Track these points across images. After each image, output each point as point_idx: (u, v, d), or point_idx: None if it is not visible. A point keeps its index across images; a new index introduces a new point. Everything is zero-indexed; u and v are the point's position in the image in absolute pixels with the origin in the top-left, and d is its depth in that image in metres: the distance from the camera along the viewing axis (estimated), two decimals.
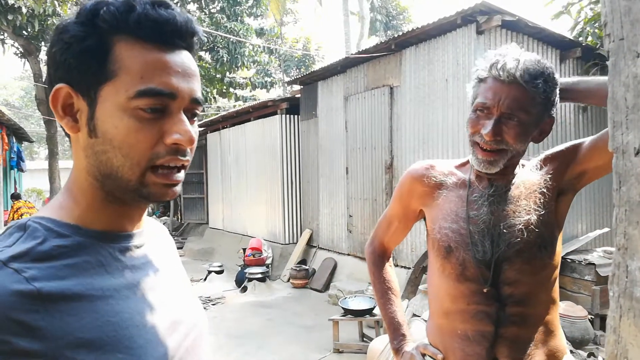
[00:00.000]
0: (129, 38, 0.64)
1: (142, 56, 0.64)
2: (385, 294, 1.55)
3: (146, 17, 0.63)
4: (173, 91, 0.65)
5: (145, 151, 0.64)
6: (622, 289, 0.68)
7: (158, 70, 0.64)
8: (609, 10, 0.68)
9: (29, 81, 24.64)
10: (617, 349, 0.69)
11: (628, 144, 0.66)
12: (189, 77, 0.67)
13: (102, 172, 0.66)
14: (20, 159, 12.61)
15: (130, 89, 0.63)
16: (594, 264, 4.50)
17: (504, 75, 1.20)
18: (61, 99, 0.66)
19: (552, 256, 1.30)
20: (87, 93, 0.65)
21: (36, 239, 0.62)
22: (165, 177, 0.66)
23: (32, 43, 11.92)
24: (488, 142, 1.22)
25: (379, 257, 1.62)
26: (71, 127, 0.66)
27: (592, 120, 5.99)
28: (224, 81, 15.49)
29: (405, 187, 1.49)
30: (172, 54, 0.66)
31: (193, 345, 0.75)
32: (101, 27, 0.63)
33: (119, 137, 0.63)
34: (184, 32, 0.67)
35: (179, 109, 0.66)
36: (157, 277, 0.74)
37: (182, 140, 0.65)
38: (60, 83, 0.65)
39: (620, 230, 0.67)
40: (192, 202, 12.85)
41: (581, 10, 6.15)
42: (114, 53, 0.63)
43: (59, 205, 0.69)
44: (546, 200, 1.29)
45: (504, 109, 1.20)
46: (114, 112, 0.64)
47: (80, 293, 0.61)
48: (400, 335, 1.48)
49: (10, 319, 0.54)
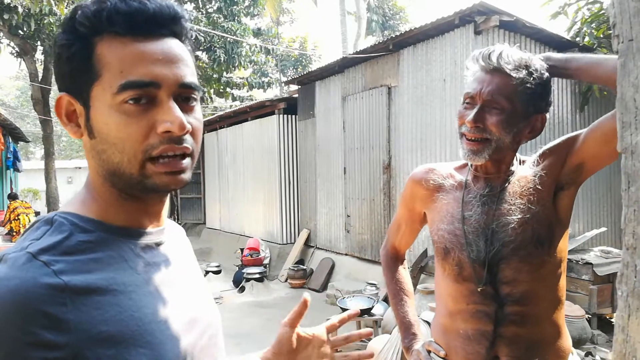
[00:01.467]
0: (108, 36, 0.65)
1: (119, 51, 0.64)
2: (397, 294, 1.59)
3: (116, 11, 0.64)
4: (153, 80, 0.64)
5: (139, 144, 0.64)
6: (630, 289, 0.68)
7: (136, 61, 0.64)
8: (618, 11, 0.68)
9: (25, 81, 24.54)
10: (625, 348, 0.69)
11: (637, 144, 0.66)
12: (172, 63, 0.66)
13: (107, 170, 0.67)
14: (16, 159, 12.56)
15: (113, 85, 0.64)
16: (591, 263, 4.52)
17: (486, 63, 1.24)
18: (64, 108, 0.68)
19: (550, 253, 1.28)
20: (81, 97, 0.66)
21: (63, 232, 0.63)
22: (166, 166, 0.66)
23: (28, 43, 11.87)
24: (471, 131, 1.24)
25: (392, 259, 1.66)
26: (75, 132, 0.68)
27: (589, 119, 6.01)
28: (220, 81, 15.46)
29: (408, 191, 1.52)
30: (152, 42, 0.66)
31: (208, 344, 0.76)
32: (81, 32, 0.64)
33: (112, 133, 0.64)
34: (160, 19, 0.66)
35: (167, 96, 0.66)
36: (176, 275, 0.75)
37: (172, 128, 0.64)
38: (61, 92, 0.67)
39: (629, 230, 0.68)
40: (189, 202, 12.82)
41: (578, 10, 6.17)
42: (96, 54, 0.64)
43: (81, 202, 0.70)
44: (541, 197, 1.28)
45: (486, 96, 1.22)
46: (104, 110, 0.65)
47: (105, 287, 0.62)
48: (411, 335, 1.51)
49: (39, 311, 0.55)
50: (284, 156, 8.71)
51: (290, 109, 8.67)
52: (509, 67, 1.21)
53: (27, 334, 0.53)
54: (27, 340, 0.53)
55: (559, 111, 5.67)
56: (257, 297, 6.95)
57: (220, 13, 14.47)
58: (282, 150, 8.68)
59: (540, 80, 1.24)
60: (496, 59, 1.23)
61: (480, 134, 1.24)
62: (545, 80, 1.26)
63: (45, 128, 12.95)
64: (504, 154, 1.30)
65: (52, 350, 0.55)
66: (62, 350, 0.55)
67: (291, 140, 8.74)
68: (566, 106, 5.75)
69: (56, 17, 10.16)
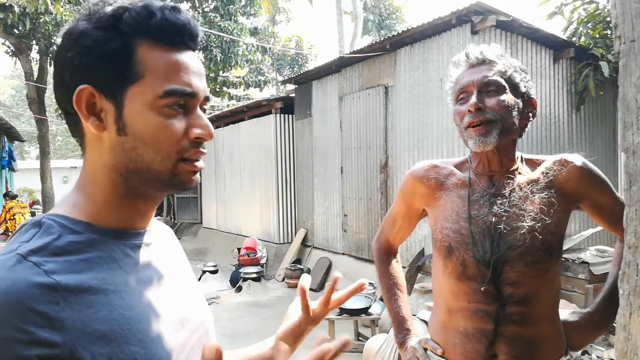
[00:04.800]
0: (149, 41, 0.68)
1: (163, 58, 0.68)
2: (390, 289, 1.58)
3: (167, 21, 0.68)
4: (194, 90, 0.70)
5: (174, 146, 0.69)
6: (632, 287, 0.69)
7: (179, 71, 0.69)
8: (620, 13, 0.69)
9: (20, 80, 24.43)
10: (627, 346, 0.70)
11: (639, 144, 0.66)
12: (201, 77, 0.73)
13: (131, 168, 0.69)
14: (11, 159, 12.49)
15: (158, 88, 0.67)
16: (587, 262, 4.54)
17: (472, 58, 1.33)
18: (84, 100, 0.67)
19: (557, 260, 1.31)
20: (113, 94, 0.67)
21: (52, 234, 0.64)
22: (193, 165, 0.72)
23: (23, 42, 11.80)
24: (474, 115, 1.27)
25: (385, 253, 1.65)
26: (97, 127, 0.68)
27: (585, 119, 6.04)
28: (217, 80, 15.42)
29: (408, 188, 1.51)
30: (184, 54, 0.71)
31: (199, 343, 0.76)
32: (123, 31, 0.67)
33: (150, 134, 0.68)
34: (193, 34, 0.72)
35: (196, 106, 0.72)
36: (166, 274, 0.76)
37: (204, 134, 0.71)
38: (82, 84, 0.67)
39: (630, 229, 0.68)
40: (186, 202, 12.80)
41: (574, 10, 6.20)
42: (137, 55, 0.67)
43: (72, 203, 0.71)
44: (556, 211, 1.29)
45: (480, 80, 1.29)
46: (143, 111, 0.67)
47: (96, 286, 0.63)
48: (405, 330, 1.51)
49: (32, 309, 0.55)
50: (281, 156, 8.71)
51: (287, 108, 8.67)
52: (492, 57, 1.32)
53: (23, 333, 0.54)
54: (22, 338, 0.54)
55: (556, 111, 5.69)
56: (254, 296, 6.95)
57: (216, 12, 14.45)
58: (279, 149, 8.68)
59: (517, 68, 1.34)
60: (479, 52, 1.32)
61: (484, 117, 1.27)
62: (523, 67, 1.36)
63: (41, 127, 12.89)
64: (510, 139, 1.32)
65: (48, 348, 0.55)
66: (58, 348, 0.56)
67: (288, 140, 8.74)
68: (562, 106, 5.78)
69: (52, 17, 10.10)
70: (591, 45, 5.74)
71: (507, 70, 1.30)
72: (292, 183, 8.74)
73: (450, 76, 1.40)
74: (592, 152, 5.98)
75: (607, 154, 6.17)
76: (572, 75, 5.81)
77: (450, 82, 1.41)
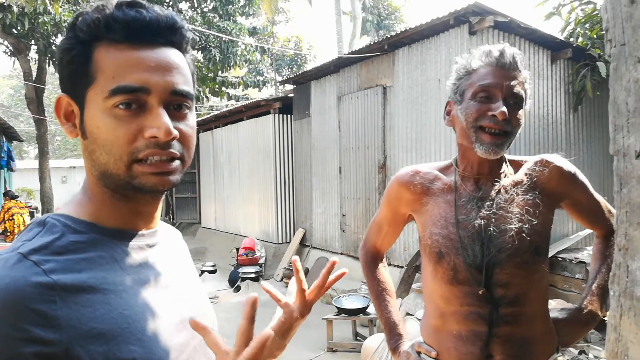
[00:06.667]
0: (106, 42, 0.67)
1: (115, 57, 0.67)
2: (380, 295, 1.57)
3: (114, 19, 0.66)
4: (144, 85, 0.66)
5: (125, 147, 0.67)
6: (622, 289, 0.69)
7: (129, 67, 0.66)
8: (611, 16, 0.69)
9: (19, 80, 24.39)
10: (617, 347, 0.71)
11: (629, 147, 0.67)
12: (165, 71, 0.68)
13: (97, 170, 0.70)
14: (10, 159, 12.46)
15: (105, 89, 0.66)
16: (584, 262, 4.55)
17: (506, 59, 1.27)
18: (62, 108, 0.71)
19: (545, 260, 1.33)
20: (78, 99, 0.69)
21: (54, 234, 0.65)
22: (153, 167, 0.68)
23: (21, 41, 11.78)
24: (499, 123, 1.23)
25: (372, 259, 1.64)
26: (70, 132, 0.71)
27: (582, 119, 6.05)
28: (216, 80, 15.42)
29: (393, 194, 1.50)
30: (147, 50, 0.68)
31: (201, 344, 0.76)
32: (81, 37, 0.67)
33: (102, 135, 0.67)
34: (156, 28, 0.68)
35: (157, 103, 0.68)
36: (169, 276, 0.77)
37: (158, 134, 0.66)
38: (62, 93, 0.70)
39: (621, 231, 0.69)
40: (184, 202, 12.79)
41: (572, 11, 6.20)
42: (93, 58, 0.67)
43: (77, 203, 0.73)
44: (542, 211, 1.30)
45: (509, 89, 1.25)
46: (96, 113, 0.67)
47: (95, 286, 0.64)
48: (397, 335, 1.50)
49: (29, 308, 0.57)
50: (280, 156, 8.71)
51: (285, 108, 8.67)
52: (521, 65, 1.29)
53: (19, 331, 0.55)
54: (18, 336, 0.55)
55: (553, 111, 5.70)
56: None
57: (215, 12, 14.44)
58: (277, 149, 8.68)
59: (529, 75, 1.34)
60: (512, 57, 1.27)
61: (506, 128, 1.25)
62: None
63: (40, 127, 12.86)
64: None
65: (43, 346, 0.56)
66: (54, 346, 0.57)
67: (287, 140, 8.74)
68: (560, 106, 5.79)
69: (50, 17, 10.09)
70: (589, 46, 5.74)
71: (526, 82, 1.30)
72: (291, 183, 8.75)
73: (468, 62, 1.33)
74: (590, 152, 5.99)
75: (604, 154, 6.18)
76: (570, 75, 5.82)
77: (463, 68, 1.34)
